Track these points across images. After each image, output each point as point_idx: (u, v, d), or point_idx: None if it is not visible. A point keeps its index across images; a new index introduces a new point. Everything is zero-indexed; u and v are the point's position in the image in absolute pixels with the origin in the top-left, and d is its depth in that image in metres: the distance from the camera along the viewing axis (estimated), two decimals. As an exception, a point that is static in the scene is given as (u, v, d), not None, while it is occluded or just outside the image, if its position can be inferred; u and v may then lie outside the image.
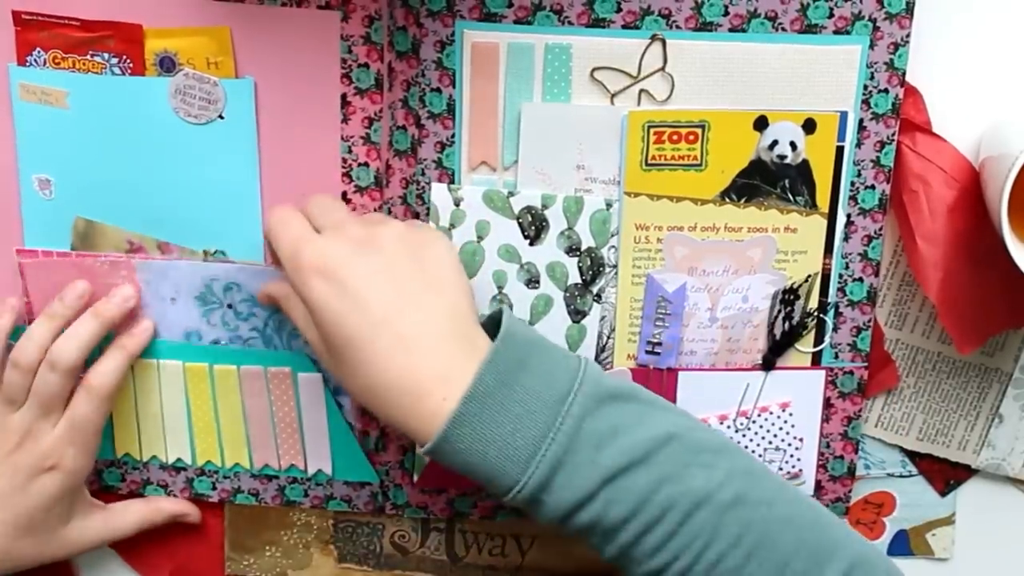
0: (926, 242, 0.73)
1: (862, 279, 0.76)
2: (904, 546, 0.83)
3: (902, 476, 0.82)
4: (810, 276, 0.75)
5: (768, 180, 0.73)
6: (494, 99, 0.73)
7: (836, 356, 0.77)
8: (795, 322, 0.76)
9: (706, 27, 0.71)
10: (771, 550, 0.60)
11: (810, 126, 0.72)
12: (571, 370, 0.63)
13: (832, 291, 0.76)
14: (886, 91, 0.72)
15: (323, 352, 0.66)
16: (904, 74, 0.72)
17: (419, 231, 0.68)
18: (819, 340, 0.77)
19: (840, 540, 0.63)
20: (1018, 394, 0.80)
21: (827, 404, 0.78)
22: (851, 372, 0.77)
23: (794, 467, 0.79)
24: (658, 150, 0.73)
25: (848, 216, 0.74)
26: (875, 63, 0.71)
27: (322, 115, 0.72)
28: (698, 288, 0.75)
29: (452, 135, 0.73)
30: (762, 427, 0.78)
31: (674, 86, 0.72)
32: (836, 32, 0.71)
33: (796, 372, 0.77)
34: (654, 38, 0.71)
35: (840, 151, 0.73)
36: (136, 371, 0.78)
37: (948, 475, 0.82)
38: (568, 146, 0.73)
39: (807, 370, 0.77)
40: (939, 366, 0.79)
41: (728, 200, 0.74)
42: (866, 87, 0.72)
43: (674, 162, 0.73)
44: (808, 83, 0.72)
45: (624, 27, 0.71)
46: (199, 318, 0.77)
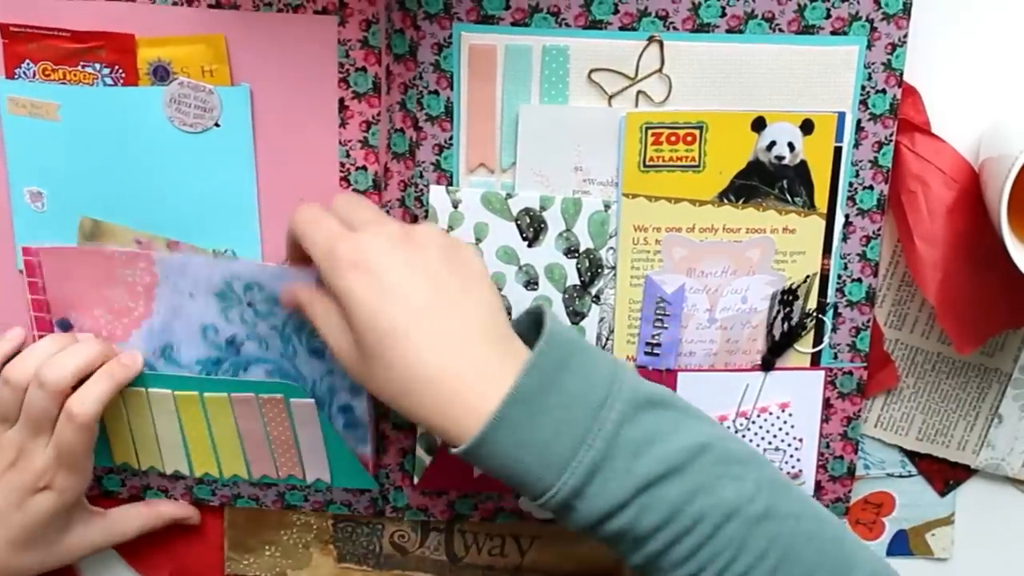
0: (925, 243, 0.73)
1: (861, 279, 0.76)
2: (903, 546, 0.83)
3: (902, 476, 0.82)
4: (809, 276, 0.75)
5: (766, 181, 0.73)
6: (492, 101, 0.72)
7: (835, 356, 0.77)
8: (794, 323, 0.76)
9: (703, 28, 0.70)
10: (795, 564, 0.60)
11: (808, 127, 0.72)
12: (609, 373, 0.61)
13: (831, 291, 0.76)
14: (884, 91, 0.72)
15: (350, 355, 0.64)
16: (902, 74, 0.72)
17: (454, 238, 0.68)
18: (818, 340, 0.77)
19: (858, 556, 0.63)
20: (1017, 394, 0.80)
21: (826, 404, 0.78)
22: (850, 372, 0.77)
23: (794, 467, 0.79)
24: (656, 151, 0.72)
25: (846, 216, 0.74)
26: (873, 63, 0.71)
27: (320, 120, 0.72)
28: (697, 289, 0.75)
29: (450, 137, 0.73)
30: (762, 427, 0.78)
31: (672, 87, 0.72)
32: (833, 33, 0.71)
33: (795, 372, 0.77)
34: (651, 39, 0.71)
35: (838, 152, 0.73)
36: (126, 395, 0.76)
37: (947, 475, 0.82)
38: (566, 148, 0.73)
39: (806, 370, 0.77)
40: (939, 366, 0.79)
41: (726, 201, 0.73)
42: (864, 88, 0.72)
43: (672, 163, 0.73)
44: (806, 84, 0.72)
45: (621, 29, 0.70)
46: (217, 314, 0.75)
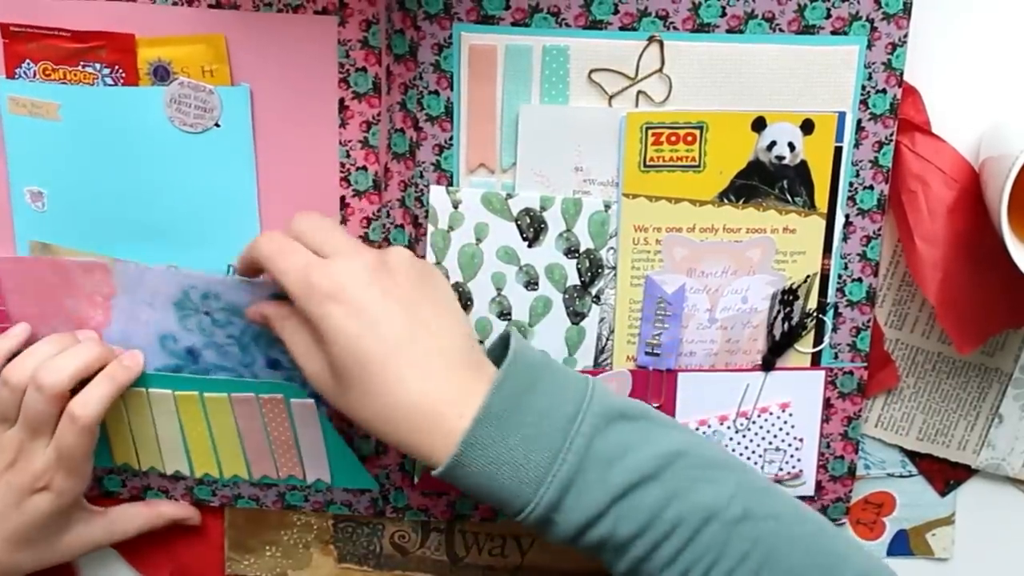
0: (925, 243, 0.73)
1: (861, 279, 0.76)
2: (904, 546, 0.83)
3: (902, 476, 0.82)
4: (809, 276, 0.75)
5: (766, 181, 0.73)
6: (492, 101, 0.72)
7: (836, 356, 0.77)
8: (794, 322, 0.76)
9: (703, 28, 0.70)
10: (779, 564, 0.61)
11: (808, 127, 0.72)
12: (579, 390, 0.63)
13: (831, 291, 0.76)
14: (884, 91, 0.72)
15: (323, 379, 0.65)
16: (902, 74, 0.71)
17: (418, 260, 0.68)
18: (818, 340, 0.77)
19: (846, 554, 0.63)
20: (1018, 394, 0.80)
21: (827, 404, 0.78)
22: (851, 372, 0.77)
23: (794, 467, 0.79)
24: (656, 151, 0.72)
25: (847, 216, 0.74)
26: (873, 63, 0.71)
27: (320, 120, 0.72)
28: (697, 289, 0.75)
29: (450, 138, 0.73)
30: (762, 428, 0.78)
31: (672, 87, 0.72)
32: (834, 33, 0.71)
33: (796, 372, 0.77)
34: (652, 39, 0.71)
35: (838, 151, 0.73)
36: (126, 396, 0.76)
37: (948, 475, 0.82)
38: (566, 148, 0.73)
39: (807, 370, 0.77)
40: (939, 366, 0.79)
41: (727, 201, 0.73)
42: (864, 87, 0.72)
43: (672, 163, 0.73)
44: (806, 84, 0.71)
45: (622, 29, 0.70)
46: (175, 323, 0.76)
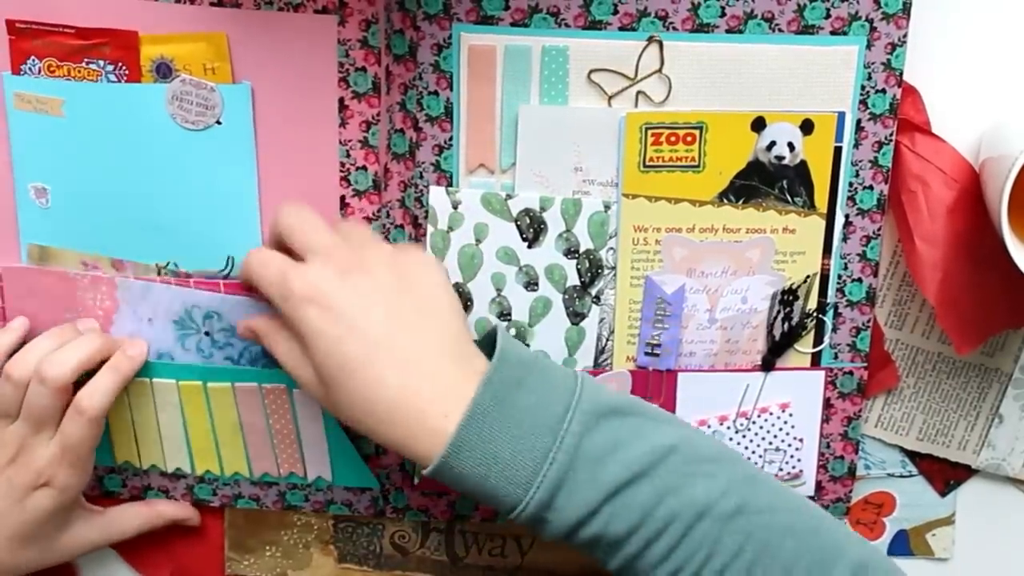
0: (925, 243, 0.73)
1: (861, 279, 0.76)
2: (904, 546, 0.83)
3: (902, 476, 0.82)
4: (809, 277, 0.75)
5: (766, 181, 0.73)
6: (491, 102, 0.72)
7: (836, 356, 0.77)
8: (794, 323, 0.76)
9: (703, 28, 0.71)
10: (774, 558, 0.61)
11: (808, 127, 0.72)
12: (568, 387, 0.63)
13: (831, 291, 0.76)
14: (883, 91, 0.72)
15: (314, 386, 0.65)
16: (901, 74, 0.72)
17: (407, 253, 0.68)
18: (818, 341, 0.77)
19: (842, 544, 0.63)
20: (1018, 394, 0.80)
21: (827, 404, 0.78)
22: (851, 372, 0.77)
23: (794, 468, 0.79)
24: (656, 152, 0.72)
25: (846, 216, 0.74)
26: (872, 63, 0.71)
27: (320, 119, 0.72)
28: (697, 289, 0.75)
29: (450, 138, 0.73)
30: (762, 428, 0.78)
31: (671, 88, 0.72)
32: (833, 33, 0.71)
33: (796, 373, 0.77)
34: (651, 40, 0.71)
35: (838, 151, 0.73)
36: (129, 387, 0.76)
37: (948, 475, 0.82)
38: (566, 148, 0.73)
39: (807, 371, 0.77)
40: (939, 366, 0.79)
41: (726, 201, 0.73)
42: (863, 87, 0.72)
43: (672, 163, 0.73)
44: (805, 84, 0.72)
45: (621, 29, 0.71)
46: (174, 342, 0.76)
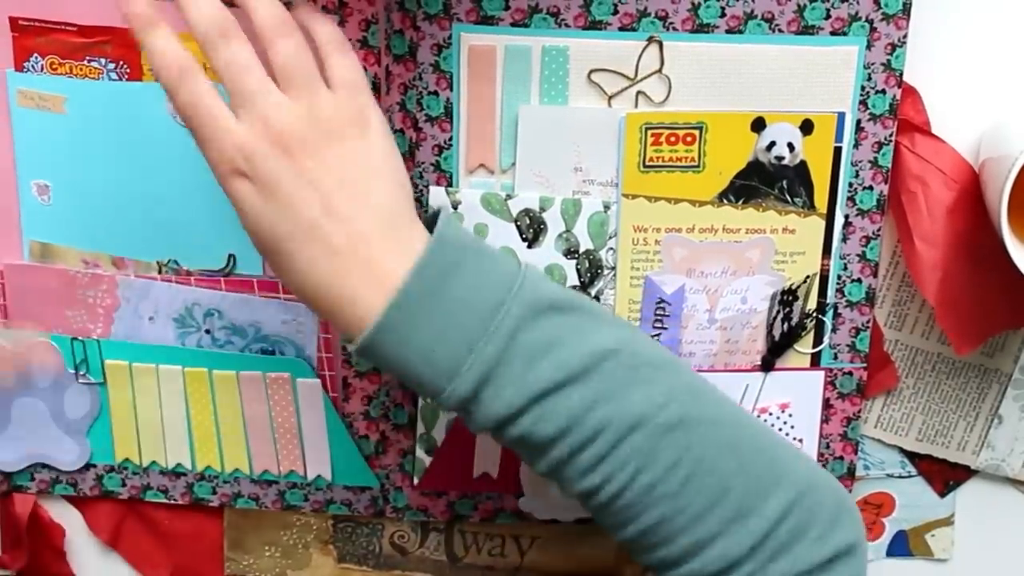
0: (924, 243, 0.73)
1: (860, 280, 0.76)
2: (903, 547, 0.83)
3: (901, 477, 0.82)
4: (808, 277, 0.75)
5: (766, 181, 0.73)
6: (491, 102, 0.72)
7: (835, 357, 0.77)
8: (794, 323, 0.76)
9: (703, 29, 0.71)
10: (710, 475, 0.58)
11: (808, 127, 0.72)
12: (509, 278, 0.59)
13: (831, 292, 0.76)
14: (883, 92, 0.72)
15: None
16: (901, 75, 0.72)
17: (347, 111, 0.61)
18: (818, 341, 0.77)
19: (789, 466, 0.60)
20: (1018, 395, 0.79)
21: (826, 405, 0.78)
22: (850, 373, 0.77)
23: (793, 468, 0.79)
24: (656, 152, 0.72)
25: (846, 217, 0.74)
26: (872, 64, 0.71)
27: (320, 119, 0.72)
28: (696, 289, 0.75)
29: (450, 138, 0.73)
30: (761, 428, 0.78)
31: (671, 88, 0.72)
32: (833, 33, 0.71)
33: (795, 373, 0.77)
34: (651, 40, 0.71)
35: (838, 152, 0.73)
36: (135, 375, 0.77)
37: (947, 476, 0.82)
38: (566, 148, 0.73)
39: (806, 371, 0.77)
40: (939, 367, 0.79)
41: (726, 201, 0.74)
42: (863, 88, 0.72)
43: (672, 164, 0.73)
44: (805, 84, 0.72)
45: (621, 29, 0.71)
46: (174, 339, 0.77)
